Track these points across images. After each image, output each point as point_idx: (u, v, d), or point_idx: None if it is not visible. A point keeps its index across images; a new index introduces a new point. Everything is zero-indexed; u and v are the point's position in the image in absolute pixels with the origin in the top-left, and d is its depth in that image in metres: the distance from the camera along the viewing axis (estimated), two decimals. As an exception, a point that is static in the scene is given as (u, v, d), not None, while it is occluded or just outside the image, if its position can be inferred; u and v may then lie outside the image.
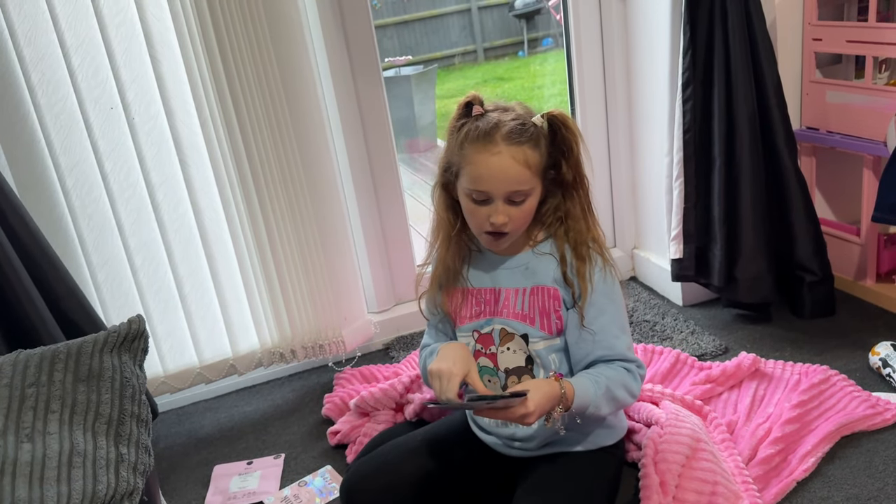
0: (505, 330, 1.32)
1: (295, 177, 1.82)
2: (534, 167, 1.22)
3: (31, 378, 1.02)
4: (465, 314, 1.36)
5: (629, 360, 1.30)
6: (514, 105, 1.28)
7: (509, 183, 1.22)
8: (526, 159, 1.21)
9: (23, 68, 1.60)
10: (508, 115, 1.24)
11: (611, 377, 1.27)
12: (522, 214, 1.25)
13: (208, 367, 1.92)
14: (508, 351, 1.33)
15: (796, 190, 1.88)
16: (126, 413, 1.05)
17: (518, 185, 1.22)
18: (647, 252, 2.28)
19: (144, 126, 1.73)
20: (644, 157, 2.18)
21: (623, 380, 1.28)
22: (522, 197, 1.23)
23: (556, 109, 1.27)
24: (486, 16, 7.54)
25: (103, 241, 1.77)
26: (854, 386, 1.62)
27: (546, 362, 1.32)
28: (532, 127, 1.23)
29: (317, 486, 1.58)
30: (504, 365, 1.34)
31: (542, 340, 1.31)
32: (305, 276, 1.90)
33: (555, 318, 1.30)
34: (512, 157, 1.20)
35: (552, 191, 1.29)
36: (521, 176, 1.22)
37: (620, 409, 1.35)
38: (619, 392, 1.27)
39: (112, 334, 1.10)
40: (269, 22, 1.70)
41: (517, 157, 1.21)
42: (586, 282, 1.27)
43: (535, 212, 1.28)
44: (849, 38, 1.89)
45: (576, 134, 1.26)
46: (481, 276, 1.36)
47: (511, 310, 1.32)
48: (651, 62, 2.02)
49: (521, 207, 1.24)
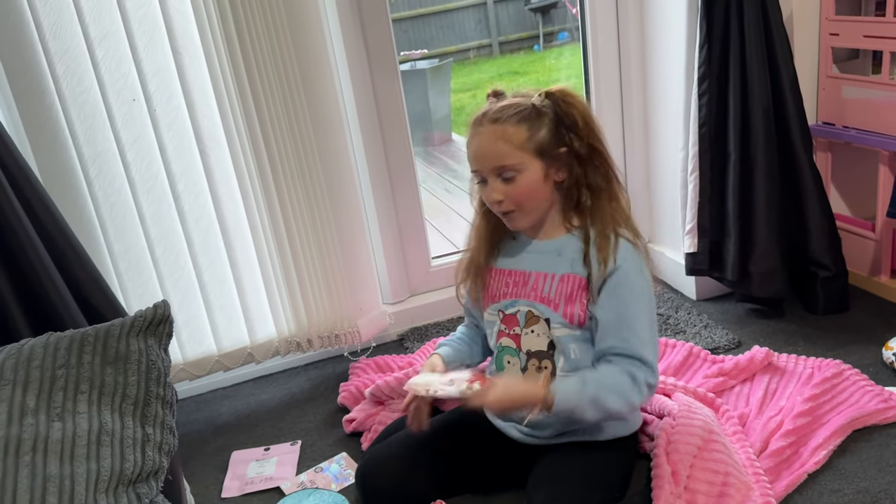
0: (531, 312, 1.34)
1: (312, 169, 1.84)
2: (517, 142, 1.24)
3: (61, 360, 1.06)
4: (492, 294, 1.39)
5: (641, 362, 1.26)
6: (530, 91, 1.29)
7: (491, 159, 1.26)
8: (505, 134, 1.25)
9: (48, 60, 1.63)
10: (505, 101, 1.28)
11: (604, 384, 1.25)
12: (519, 191, 1.27)
13: (226, 355, 1.95)
14: (532, 334, 1.34)
15: (811, 185, 1.88)
16: (152, 395, 1.08)
17: (499, 160, 1.26)
18: (662, 246, 2.29)
19: (166, 117, 1.76)
20: (659, 151, 2.18)
21: (619, 387, 1.25)
22: (512, 173, 1.26)
23: (557, 86, 1.27)
24: (501, 10, 7.54)
25: (125, 230, 1.80)
26: (867, 380, 1.63)
27: (566, 350, 1.32)
28: (525, 106, 1.25)
29: (332, 472, 1.61)
30: (527, 347, 1.35)
31: (563, 328, 1.31)
32: (322, 267, 1.93)
33: (578, 309, 1.29)
34: (492, 133, 1.25)
35: (572, 167, 1.28)
36: (500, 150, 1.25)
37: (615, 418, 1.31)
38: (610, 400, 1.25)
39: (138, 318, 1.13)
40: (289, 16, 1.72)
41: (497, 133, 1.25)
42: (608, 262, 1.26)
43: (543, 190, 1.28)
44: (866, 33, 1.88)
45: (577, 106, 1.25)
46: (511, 260, 1.39)
47: (538, 293, 1.33)
48: (667, 56, 2.03)
49: (515, 185, 1.26)
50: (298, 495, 1.51)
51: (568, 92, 1.26)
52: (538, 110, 1.25)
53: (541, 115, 1.25)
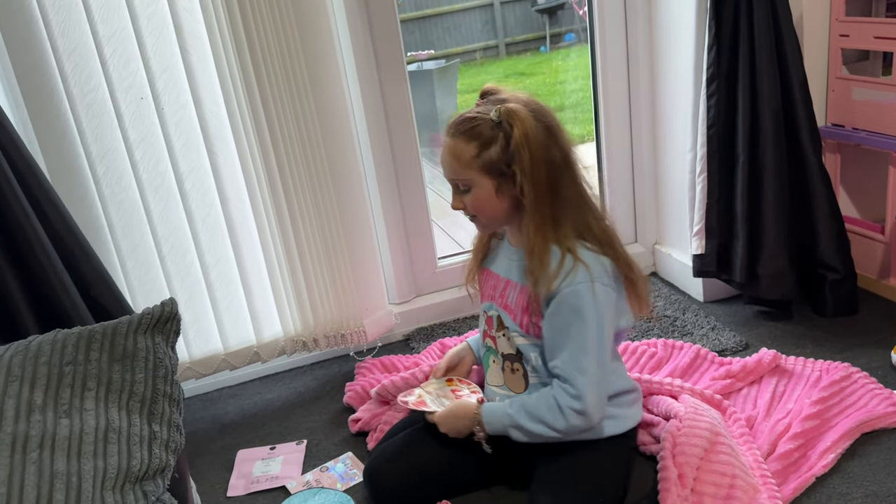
0: (500, 318, 1.38)
1: (320, 168, 1.84)
2: (463, 159, 1.26)
3: (68, 356, 1.06)
4: (483, 293, 1.45)
5: (572, 387, 1.25)
6: (516, 96, 1.28)
7: (447, 171, 1.31)
8: (455, 150, 1.27)
9: (57, 59, 1.64)
10: (476, 109, 1.29)
11: (528, 410, 1.28)
12: (476, 203, 1.30)
13: (233, 353, 1.95)
14: (503, 338, 1.38)
15: (820, 187, 1.87)
16: (159, 392, 1.08)
17: (452, 173, 1.30)
18: (669, 247, 2.28)
19: (173, 116, 1.76)
20: (667, 152, 2.18)
21: (541, 414, 1.27)
22: (465, 187, 1.30)
23: (514, 104, 1.24)
24: (508, 11, 7.52)
25: (132, 228, 1.81)
26: (875, 383, 1.62)
27: (528, 357, 1.36)
28: (481, 122, 1.25)
29: (338, 471, 1.60)
30: (501, 349, 1.40)
31: (521, 336, 1.35)
32: (328, 267, 1.92)
33: (533, 320, 1.31)
34: (447, 147, 1.29)
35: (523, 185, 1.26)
36: (450, 166, 1.29)
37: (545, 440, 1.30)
38: (532, 426, 1.27)
39: (146, 316, 1.13)
40: (297, 15, 1.72)
41: (450, 147, 1.28)
42: (545, 285, 1.26)
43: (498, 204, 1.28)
44: (876, 35, 1.87)
45: (519, 128, 1.22)
46: (494, 262, 1.43)
47: (504, 300, 1.37)
48: (675, 57, 2.02)
49: (470, 196, 1.30)
50: (304, 494, 1.50)
51: (513, 112, 1.23)
52: (494, 126, 1.25)
53: (494, 133, 1.25)
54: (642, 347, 1.86)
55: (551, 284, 1.25)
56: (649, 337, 1.95)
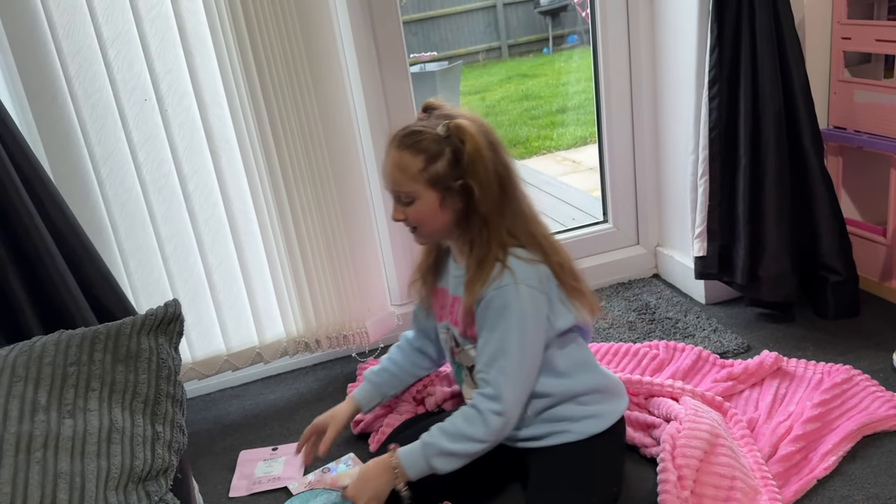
0: (454, 335, 1.40)
1: (322, 170, 1.85)
2: (409, 172, 1.27)
3: (72, 357, 1.06)
4: (437, 311, 1.46)
5: (491, 389, 1.26)
6: (460, 113, 1.31)
7: (388, 182, 1.32)
8: (401, 163, 1.28)
9: (61, 60, 1.65)
10: (420, 123, 1.30)
11: (447, 431, 1.27)
12: (418, 216, 1.31)
13: (235, 354, 1.96)
14: (463, 352, 1.40)
15: (822, 189, 1.87)
16: (162, 393, 1.09)
17: (395, 185, 1.31)
18: (671, 249, 2.28)
19: (177, 117, 1.77)
20: (669, 154, 2.18)
21: (460, 430, 1.26)
22: (407, 198, 1.30)
23: (462, 120, 1.27)
24: (511, 12, 7.53)
25: (135, 229, 1.81)
26: (877, 386, 1.62)
27: None
28: (428, 136, 1.26)
29: (340, 472, 1.61)
30: (465, 363, 1.41)
31: (473, 349, 1.36)
32: (331, 268, 1.93)
33: (474, 332, 1.34)
34: (392, 159, 1.29)
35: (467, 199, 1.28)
36: (394, 178, 1.30)
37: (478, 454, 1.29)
38: (454, 446, 1.26)
39: (149, 317, 1.14)
40: (300, 17, 1.73)
41: (395, 160, 1.29)
42: (474, 293, 1.28)
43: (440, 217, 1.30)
44: (878, 37, 1.88)
45: (469, 143, 1.24)
46: (443, 279, 1.44)
47: (454, 316, 1.39)
48: (677, 59, 2.02)
49: (412, 208, 1.31)
50: (306, 495, 1.51)
51: (462, 128, 1.25)
52: (441, 141, 1.26)
53: (442, 147, 1.26)
54: (644, 349, 1.86)
55: (479, 292, 1.28)
56: (651, 339, 1.95)
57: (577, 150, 4.61)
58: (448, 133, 1.26)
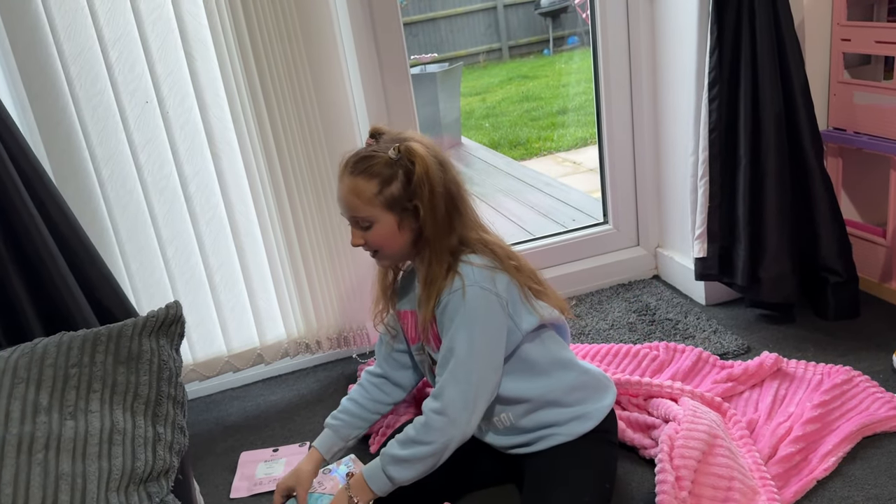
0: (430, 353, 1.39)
1: (323, 172, 1.85)
2: (364, 196, 1.28)
3: (73, 359, 1.07)
4: (409, 334, 1.46)
5: (434, 393, 1.27)
6: (410, 135, 1.32)
7: (345, 208, 1.32)
8: (355, 189, 1.28)
9: (62, 62, 1.65)
10: (370, 148, 1.31)
11: (398, 439, 1.28)
12: (377, 239, 1.32)
13: (236, 356, 1.96)
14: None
15: (821, 191, 1.87)
16: (163, 394, 1.09)
17: (353, 211, 1.31)
18: (671, 251, 2.28)
19: (178, 119, 1.77)
20: (669, 155, 2.18)
21: (407, 435, 1.26)
22: (366, 223, 1.31)
23: (410, 142, 1.29)
24: (511, 14, 7.54)
25: (137, 231, 1.82)
26: (877, 387, 1.62)
27: None
28: (380, 160, 1.27)
29: (341, 473, 1.61)
30: None
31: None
32: (331, 269, 1.93)
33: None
34: (346, 185, 1.30)
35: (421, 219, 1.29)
36: (351, 204, 1.30)
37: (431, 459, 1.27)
38: (403, 452, 1.26)
39: (151, 318, 1.14)
40: (301, 19, 1.73)
41: (349, 185, 1.29)
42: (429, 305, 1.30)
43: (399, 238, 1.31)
44: (878, 39, 1.88)
45: (419, 165, 1.26)
46: (407, 300, 1.44)
47: (425, 334, 1.38)
48: (677, 61, 2.03)
49: (371, 232, 1.31)
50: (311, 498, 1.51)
51: (412, 150, 1.27)
52: (393, 164, 1.28)
53: (394, 169, 1.28)
54: (644, 350, 1.86)
55: (435, 302, 1.30)
56: (651, 340, 1.95)
57: (578, 152, 4.61)
58: (399, 155, 1.27)
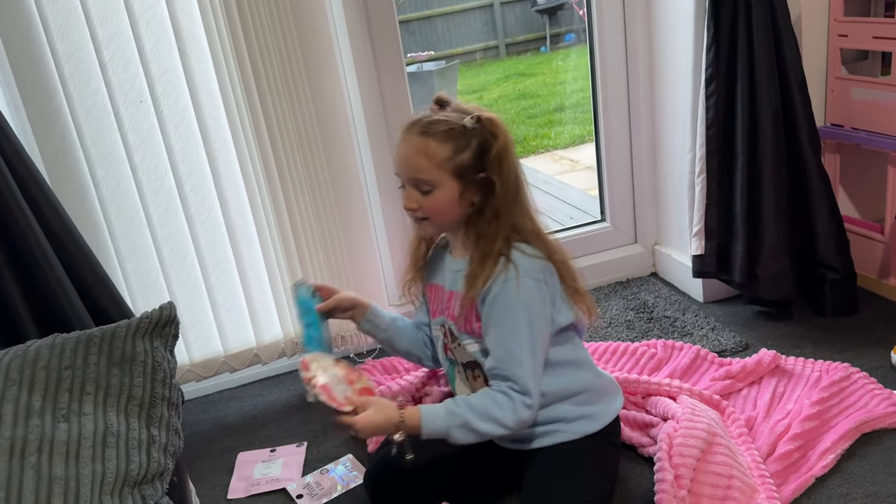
0: (451, 329, 1.38)
1: (319, 171, 1.85)
2: (435, 159, 1.25)
3: (67, 361, 1.06)
4: (432, 308, 1.45)
5: (516, 383, 1.26)
6: (475, 107, 1.30)
7: (409, 169, 1.29)
8: (426, 150, 1.26)
9: (56, 62, 1.64)
10: (440, 114, 1.28)
11: (476, 408, 1.26)
12: (433, 205, 1.29)
13: (233, 356, 1.95)
14: (460, 347, 1.39)
15: (819, 187, 1.87)
16: (157, 396, 1.09)
17: (417, 172, 1.28)
18: (669, 248, 2.28)
19: (173, 119, 1.76)
20: (666, 152, 2.18)
21: (489, 411, 1.26)
22: (427, 187, 1.28)
23: (489, 113, 1.28)
24: (508, 11, 7.53)
25: (132, 231, 1.81)
26: (875, 384, 1.62)
27: (481, 362, 1.35)
28: (455, 125, 1.26)
29: (338, 473, 1.61)
30: (459, 359, 1.40)
31: (473, 343, 1.35)
32: (328, 269, 1.93)
33: (475, 326, 1.33)
34: (415, 145, 1.27)
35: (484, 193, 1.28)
36: (419, 164, 1.27)
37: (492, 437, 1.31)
38: (481, 425, 1.26)
39: (144, 320, 1.13)
40: (296, 18, 1.73)
41: (419, 146, 1.26)
42: (476, 287, 1.28)
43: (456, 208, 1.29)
44: (875, 35, 1.87)
45: (499, 139, 1.25)
46: (436, 275, 1.43)
47: (451, 311, 1.37)
48: (674, 57, 2.02)
49: (430, 197, 1.29)
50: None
51: (494, 121, 1.26)
52: (467, 132, 1.26)
53: (468, 138, 1.26)
54: (642, 348, 1.86)
55: (483, 286, 1.28)
56: (649, 338, 1.95)
57: (575, 149, 4.60)
58: (477, 125, 1.25)
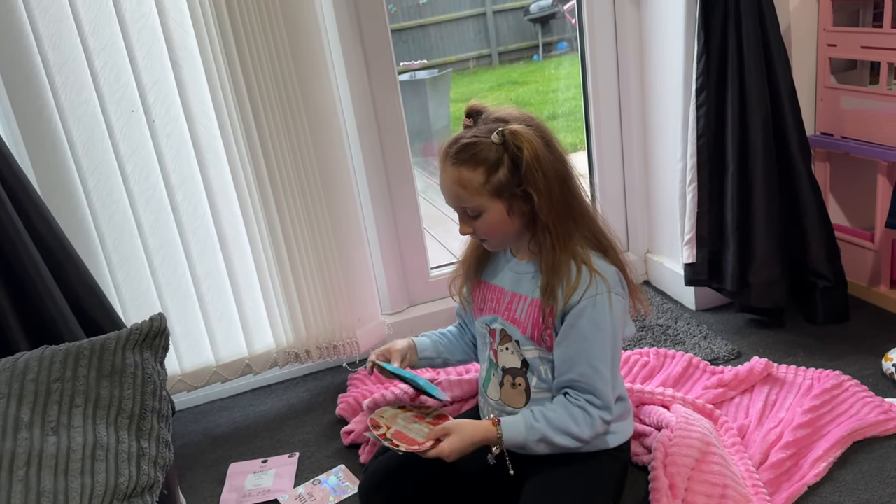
0: (504, 331, 1.36)
1: (311, 179, 1.84)
2: (471, 186, 1.25)
3: (56, 373, 1.05)
4: (479, 307, 1.42)
5: (597, 397, 1.26)
6: (509, 112, 1.28)
7: (452, 199, 1.29)
8: (460, 179, 1.25)
9: (47, 71, 1.63)
10: (471, 132, 1.26)
11: (554, 423, 1.26)
12: (485, 227, 1.29)
13: (224, 366, 1.94)
14: (507, 351, 1.36)
15: (809, 195, 1.88)
16: (147, 408, 1.08)
17: (459, 201, 1.28)
18: (661, 256, 2.28)
19: (165, 129, 1.76)
20: (657, 161, 2.18)
21: (568, 427, 1.26)
22: (475, 212, 1.28)
23: (513, 125, 1.24)
24: (501, 20, 7.56)
25: (123, 241, 1.80)
26: (867, 391, 1.62)
27: (537, 370, 1.34)
28: (484, 146, 1.24)
29: (330, 484, 1.60)
30: (502, 363, 1.38)
31: (533, 349, 1.33)
32: (321, 278, 1.92)
33: (545, 334, 1.30)
34: (451, 176, 1.26)
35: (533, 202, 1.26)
36: (458, 194, 1.27)
37: (567, 451, 1.30)
38: (558, 439, 1.26)
39: (134, 332, 1.13)
40: (288, 27, 1.73)
41: (454, 177, 1.26)
42: (557, 299, 1.27)
43: (509, 224, 1.27)
44: (864, 44, 1.89)
45: (526, 149, 1.22)
46: (495, 275, 1.40)
47: (511, 313, 1.35)
48: (665, 67, 2.03)
49: (480, 221, 1.28)
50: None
51: (518, 133, 1.22)
52: (497, 148, 1.24)
53: (499, 154, 1.24)
54: (634, 357, 1.86)
55: (569, 298, 1.26)
56: (641, 346, 1.95)
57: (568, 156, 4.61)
58: (503, 139, 1.23)
